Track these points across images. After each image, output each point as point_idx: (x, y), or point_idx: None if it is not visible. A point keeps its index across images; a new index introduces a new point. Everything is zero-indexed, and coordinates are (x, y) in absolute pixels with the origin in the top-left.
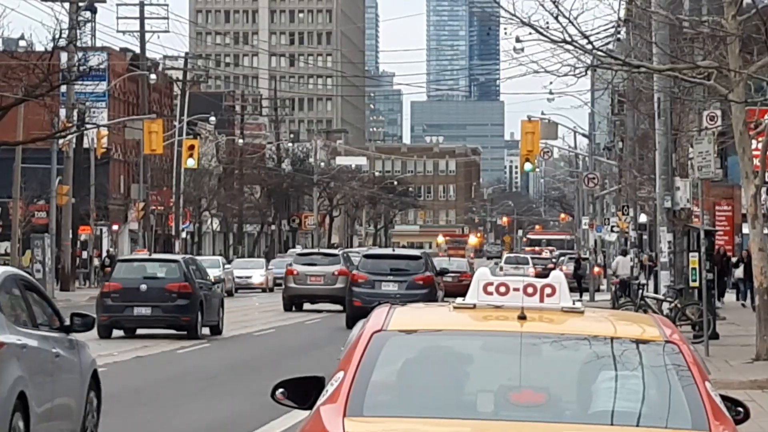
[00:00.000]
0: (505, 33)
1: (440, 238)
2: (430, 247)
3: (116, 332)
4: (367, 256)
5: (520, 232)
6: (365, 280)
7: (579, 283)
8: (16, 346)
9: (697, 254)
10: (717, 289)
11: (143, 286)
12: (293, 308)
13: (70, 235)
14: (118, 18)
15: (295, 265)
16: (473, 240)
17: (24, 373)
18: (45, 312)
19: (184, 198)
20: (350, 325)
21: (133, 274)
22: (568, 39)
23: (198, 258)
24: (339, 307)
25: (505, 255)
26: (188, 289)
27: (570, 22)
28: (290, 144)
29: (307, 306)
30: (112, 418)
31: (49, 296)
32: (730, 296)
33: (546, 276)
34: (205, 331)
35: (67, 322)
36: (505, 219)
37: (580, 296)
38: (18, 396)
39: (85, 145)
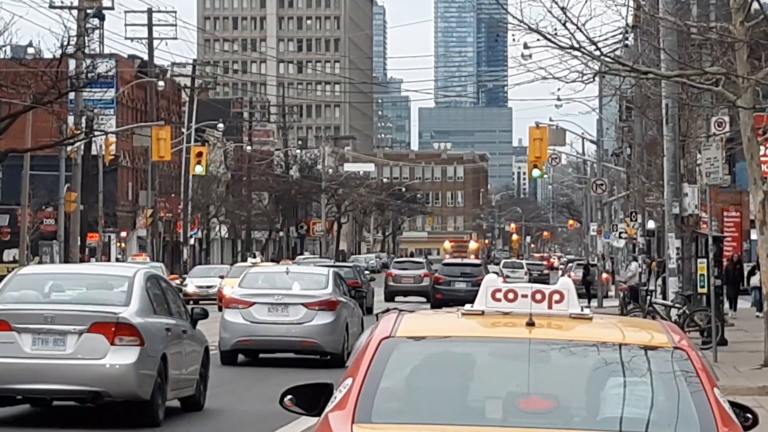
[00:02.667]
0: (513, 39)
1: (446, 244)
2: (438, 253)
3: None
4: (444, 264)
5: (528, 238)
6: (444, 280)
7: (588, 290)
8: (343, 302)
9: (705, 260)
10: (728, 299)
11: None
12: (390, 301)
13: (79, 242)
14: (126, 25)
15: (392, 269)
16: (473, 245)
17: (347, 315)
18: (347, 288)
19: (192, 205)
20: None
21: None
22: (576, 45)
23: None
24: (423, 299)
25: (503, 260)
26: (359, 284)
27: (578, 28)
28: (298, 151)
29: (399, 299)
30: None
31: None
32: (744, 303)
33: (541, 281)
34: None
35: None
36: (513, 225)
37: (588, 302)
38: (345, 324)
39: (94, 152)
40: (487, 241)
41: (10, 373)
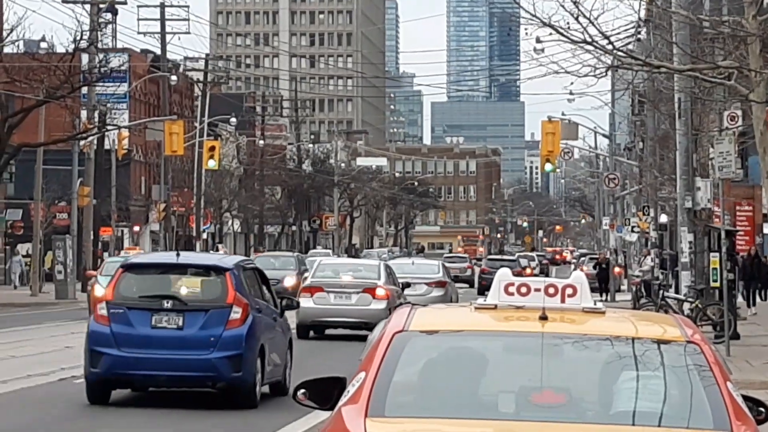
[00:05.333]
0: (526, 33)
1: (459, 239)
2: (451, 247)
3: None
4: (489, 259)
5: (541, 232)
6: (488, 271)
7: (605, 284)
8: (449, 282)
9: (717, 254)
10: (746, 293)
11: None
12: None
13: (92, 237)
14: (138, 19)
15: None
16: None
17: (451, 291)
18: (449, 273)
19: (204, 199)
20: (480, 293)
21: None
22: (589, 39)
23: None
24: (467, 286)
25: (517, 254)
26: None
27: (590, 22)
28: (311, 145)
29: None
30: None
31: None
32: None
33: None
34: None
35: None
36: (525, 220)
37: (602, 296)
38: (450, 297)
39: (106, 146)
40: (499, 235)
41: (324, 313)
